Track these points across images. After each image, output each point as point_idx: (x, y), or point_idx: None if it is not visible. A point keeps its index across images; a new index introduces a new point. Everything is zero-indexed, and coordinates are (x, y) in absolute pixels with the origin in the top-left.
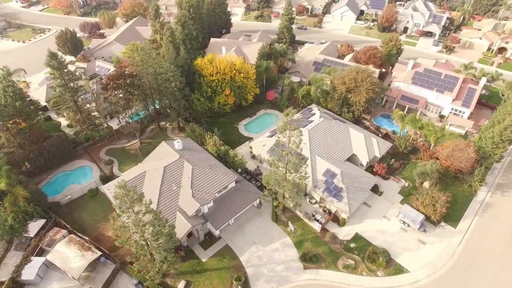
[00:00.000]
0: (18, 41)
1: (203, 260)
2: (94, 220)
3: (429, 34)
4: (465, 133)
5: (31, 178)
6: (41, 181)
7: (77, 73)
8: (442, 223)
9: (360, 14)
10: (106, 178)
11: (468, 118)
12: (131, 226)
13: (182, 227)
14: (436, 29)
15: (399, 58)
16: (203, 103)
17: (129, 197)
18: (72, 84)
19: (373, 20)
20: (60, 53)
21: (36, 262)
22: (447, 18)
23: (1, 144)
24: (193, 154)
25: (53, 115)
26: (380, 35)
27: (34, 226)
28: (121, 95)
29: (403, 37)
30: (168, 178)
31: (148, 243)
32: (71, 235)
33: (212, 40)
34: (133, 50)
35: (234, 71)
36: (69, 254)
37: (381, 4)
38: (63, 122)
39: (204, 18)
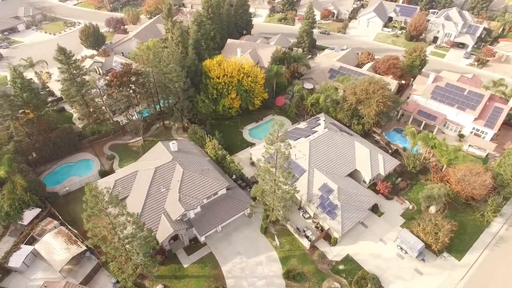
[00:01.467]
0: (50, 33)
1: (185, 265)
2: None
3: (461, 45)
4: (486, 156)
5: (37, 167)
6: (45, 170)
7: (94, 67)
8: (445, 254)
9: (388, 21)
10: (104, 173)
11: (492, 139)
12: (101, 228)
13: (164, 231)
14: (469, 40)
15: (423, 69)
16: (208, 105)
17: (100, 199)
18: (79, 79)
19: (401, 28)
20: (83, 47)
21: (25, 250)
22: (484, 28)
23: (10, 132)
24: (187, 157)
25: (68, 107)
26: (406, 44)
27: (29, 215)
28: (124, 93)
29: (431, 48)
30: (158, 179)
31: (123, 244)
32: (61, 227)
33: (229, 41)
34: (143, 50)
35: (242, 75)
36: (55, 246)
37: (411, 11)
38: (75, 114)
39: (223, 19)
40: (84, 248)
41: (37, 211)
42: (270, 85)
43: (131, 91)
